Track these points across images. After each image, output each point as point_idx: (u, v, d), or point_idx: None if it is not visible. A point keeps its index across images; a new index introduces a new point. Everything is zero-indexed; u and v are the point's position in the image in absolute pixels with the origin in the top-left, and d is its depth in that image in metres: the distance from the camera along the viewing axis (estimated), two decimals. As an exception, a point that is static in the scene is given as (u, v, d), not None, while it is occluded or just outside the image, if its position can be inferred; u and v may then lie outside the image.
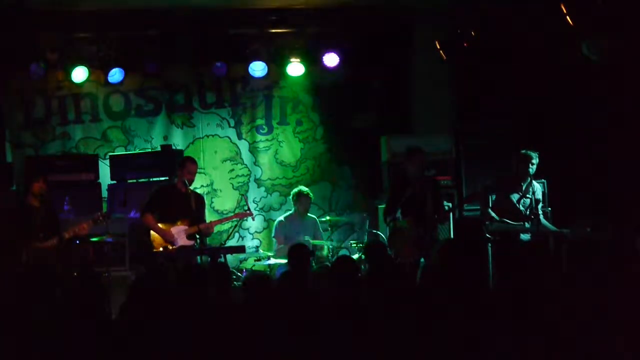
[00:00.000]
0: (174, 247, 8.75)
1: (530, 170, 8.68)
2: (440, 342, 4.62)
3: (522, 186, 8.76)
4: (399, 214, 8.75)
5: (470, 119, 10.50)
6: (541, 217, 8.74)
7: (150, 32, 10.43)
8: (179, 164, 9.10)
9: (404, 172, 9.02)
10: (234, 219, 9.87)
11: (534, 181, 8.77)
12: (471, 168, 10.24)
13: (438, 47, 9.93)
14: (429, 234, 8.59)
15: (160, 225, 8.84)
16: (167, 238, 8.78)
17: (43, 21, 9.96)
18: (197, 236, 8.78)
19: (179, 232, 8.79)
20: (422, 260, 8.48)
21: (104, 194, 10.43)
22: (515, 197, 8.76)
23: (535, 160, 8.67)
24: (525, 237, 8.75)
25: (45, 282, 5.44)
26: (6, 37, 9.92)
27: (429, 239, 8.55)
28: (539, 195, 8.83)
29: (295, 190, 10.11)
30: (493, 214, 8.74)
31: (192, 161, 9.08)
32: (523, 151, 8.72)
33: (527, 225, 8.72)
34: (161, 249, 8.79)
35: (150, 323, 5.00)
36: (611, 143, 9.09)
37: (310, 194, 10.05)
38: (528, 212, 8.72)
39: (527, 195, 8.75)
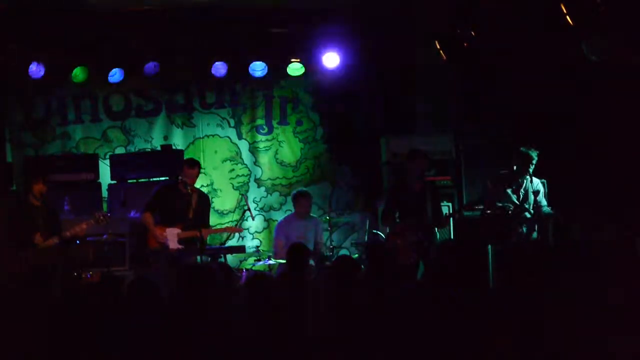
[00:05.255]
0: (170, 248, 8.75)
1: (530, 169, 8.75)
2: (440, 342, 4.62)
3: (519, 182, 8.83)
4: (397, 217, 8.79)
5: (470, 119, 10.50)
6: (544, 207, 8.79)
7: (150, 32, 10.43)
8: (181, 166, 9.10)
9: (404, 175, 9.04)
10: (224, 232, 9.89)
11: (534, 177, 8.84)
12: (471, 168, 10.24)
13: (438, 47, 9.92)
14: (427, 238, 8.60)
15: (157, 226, 8.84)
16: (159, 239, 8.77)
17: (44, 21, 9.96)
18: (197, 241, 8.77)
19: (172, 235, 8.76)
20: (422, 264, 8.50)
21: (104, 194, 10.44)
22: (510, 191, 8.85)
23: (534, 160, 8.74)
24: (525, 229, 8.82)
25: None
26: (7, 37, 9.93)
27: (427, 243, 8.56)
28: (538, 187, 8.89)
29: (294, 191, 10.08)
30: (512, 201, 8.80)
31: (190, 165, 8.96)
32: (524, 150, 8.77)
33: (528, 215, 8.79)
34: (158, 246, 8.79)
35: (150, 323, 5.00)
36: (611, 143, 9.10)
37: (310, 194, 9.97)
38: (527, 206, 8.79)
39: (525, 188, 8.83)
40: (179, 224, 8.81)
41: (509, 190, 8.85)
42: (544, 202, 8.89)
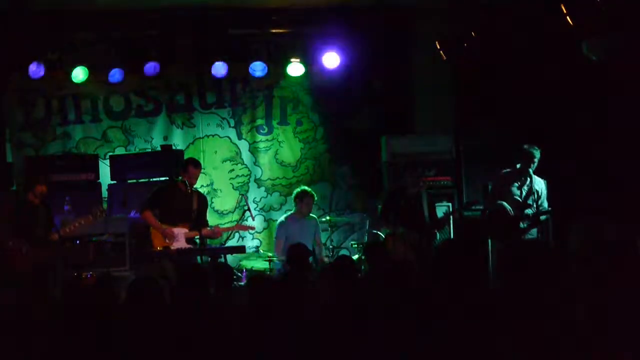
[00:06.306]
0: (173, 247, 8.74)
1: (532, 167, 8.79)
2: (440, 342, 4.62)
3: (522, 179, 8.85)
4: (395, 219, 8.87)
5: (470, 119, 10.50)
6: (545, 206, 8.83)
7: (150, 32, 10.44)
8: (183, 166, 9.10)
9: (402, 180, 9.18)
10: (235, 229, 10.01)
11: (536, 176, 8.87)
12: (471, 168, 10.24)
13: (438, 47, 9.92)
14: (425, 241, 8.65)
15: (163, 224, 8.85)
16: (167, 236, 8.76)
17: (43, 21, 9.97)
18: (197, 240, 8.78)
19: (179, 234, 8.78)
20: None
21: (104, 194, 10.44)
22: (514, 188, 8.86)
23: (537, 159, 8.78)
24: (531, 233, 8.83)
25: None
26: (6, 37, 9.93)
27: (425, 245, 8.60)
28: (540, 187, 8.91)
29: (298, 189, 10.03)
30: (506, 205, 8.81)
31: (195, 165, 9.04)
32: (527, 148, 8.80)
33: (530, 211, 8.79)
34: (160, 248, 8.78)
35: (153, 323, 5.00)
36: (611, 143, 9.09)
37: (314, 194, 9.98)
38: (530, 201, 8.81)
39: (528, 185, 8.85)
40: (183, 223, 8.82)
41: (513, 188, 8.88)
42: (545, 204, 8.91)
